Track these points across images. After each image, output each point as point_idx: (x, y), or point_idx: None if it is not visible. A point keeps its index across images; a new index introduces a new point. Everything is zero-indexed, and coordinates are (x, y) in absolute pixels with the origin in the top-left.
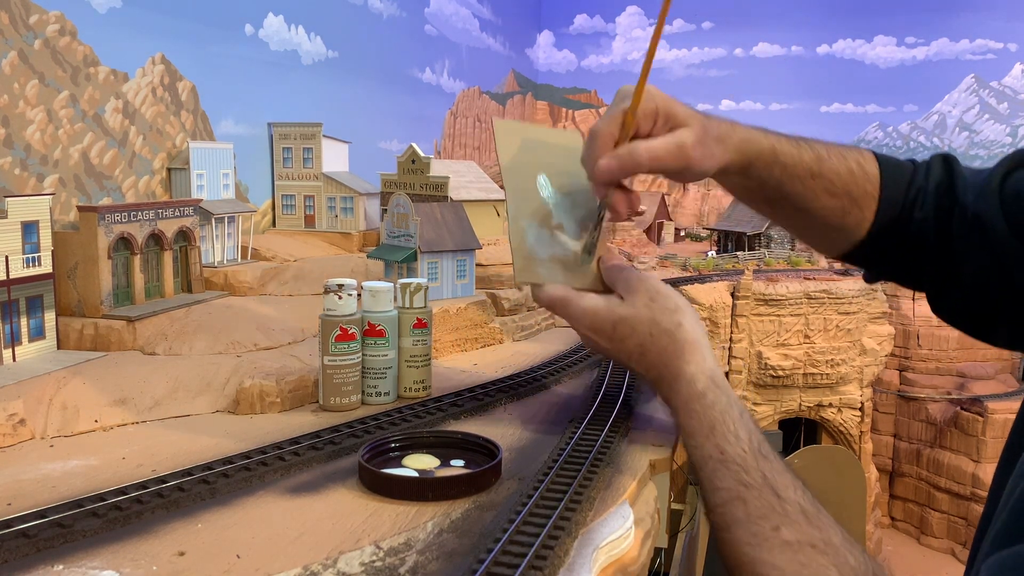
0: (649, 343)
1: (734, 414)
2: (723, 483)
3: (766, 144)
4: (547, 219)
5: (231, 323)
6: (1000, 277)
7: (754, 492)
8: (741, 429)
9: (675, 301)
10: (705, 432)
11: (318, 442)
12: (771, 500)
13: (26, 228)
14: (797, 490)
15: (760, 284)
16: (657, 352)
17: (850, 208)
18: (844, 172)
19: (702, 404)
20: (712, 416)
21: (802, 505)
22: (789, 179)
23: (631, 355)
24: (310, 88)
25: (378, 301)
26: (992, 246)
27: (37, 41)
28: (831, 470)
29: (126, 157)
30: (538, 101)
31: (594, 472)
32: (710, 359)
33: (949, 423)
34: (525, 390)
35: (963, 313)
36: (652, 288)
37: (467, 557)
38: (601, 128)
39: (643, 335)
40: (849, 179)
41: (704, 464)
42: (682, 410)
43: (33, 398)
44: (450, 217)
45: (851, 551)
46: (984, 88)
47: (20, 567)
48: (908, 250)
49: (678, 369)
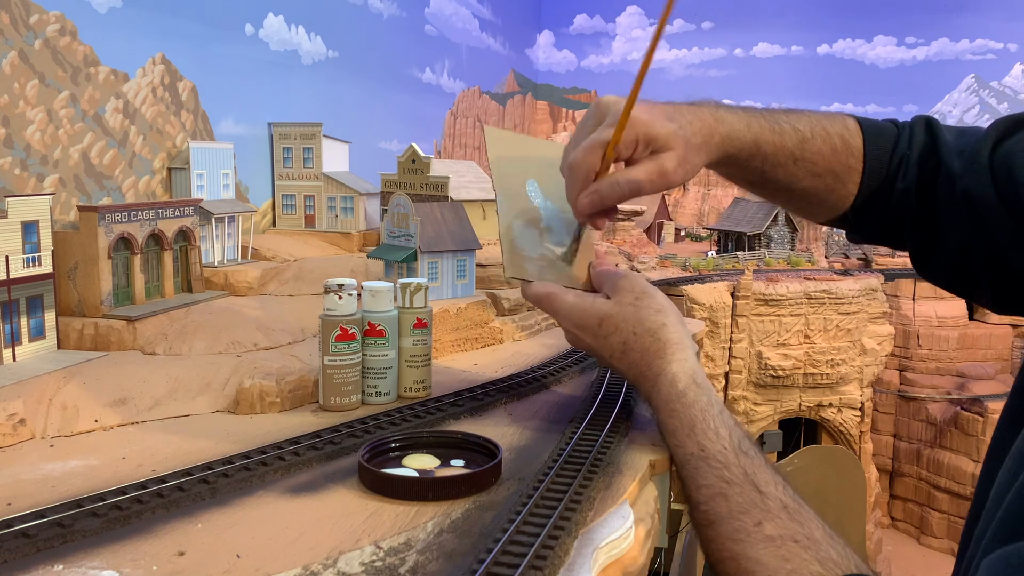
0: (632, 341)
1: (714, 411)
2: (705, 480)
3: (748, 137)
4: (535, 221)
5: (231, 323)
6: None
7: (736, 488)
8: (721, 426)
9: (660, 302)
10: (686, 430)
11: (318, 442)
12: (753, 496)
13: (26, 228)
14: (778, 485)
15: (760, 284)
16: (640, 350)
17: (833, 185)
18: (827, 151)
19: (682, 403)
20: (692, 414)
21: (783, 500)
22: (771, 167)
23: (613, 352)
24: (310, 88)
25: (378, 301)
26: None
27: (37, 41)
28: (831, 470)
29: (126, 157)
30: (538, 101)
31: (594, 472)
32: (692, 359)
33: (949, 423)
34: (525, 390)
35: (947, 275)
36: (638, 288)
37: (467, 557)
38: (580, 161)
39: (627, 333)
40: (832, 157)
41: (686, 462)
42: (663, 409)
43: (33, 398)
44: (450, 217)
45: (833, 545)
46: (984, 88)
47: (20, 567)
48: (891, 217)
49: (659, 368)
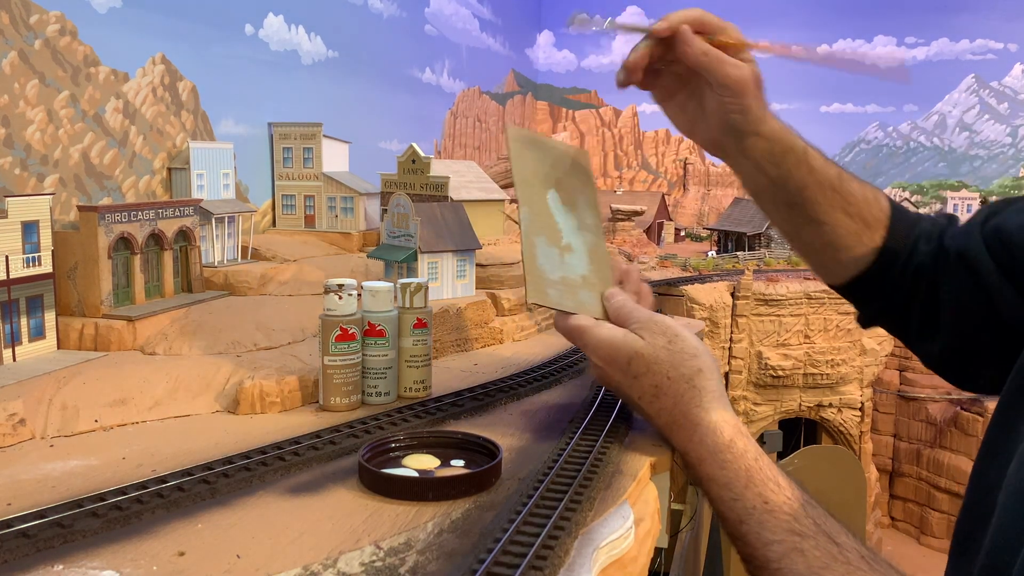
0: (666, 386)
1: (766, 462)
2: (774, 535)
3: (799, 143)
4: (557, 238)
5: (231, 323)
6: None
7: (811, 541)
8: (780, 476)
9: (694, 345)
10: (743, 482)
11: (318, 442)
12: (830, 548)
13: (26, 228)
14: (849, 535)
15: (760, 284)
16: (673, 397)
17: (861, 231)
18: (860, 197)
19: (733, 453)
20: (747, 464)
21: (859, 550)
22: (814, 184)
23: (643, 394)
24: (310, 88)
25: (378, 301)
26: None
27: (37, 41)
28: (831, 470)
29: (126, 157)
30: (538, 101)
31: (594, 472)
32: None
33: (949, 423)
34: (525, 390)
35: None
36: (670, 330)
37: (467, 557)
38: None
39: (659, 376)
40: (864, 204)
41: (747, 516)
42: (709, 460)
43: (33, 398)
44: (450, 217)
45: None
46: (984, 88)
47: (20, 567)
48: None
49: (697, 417)
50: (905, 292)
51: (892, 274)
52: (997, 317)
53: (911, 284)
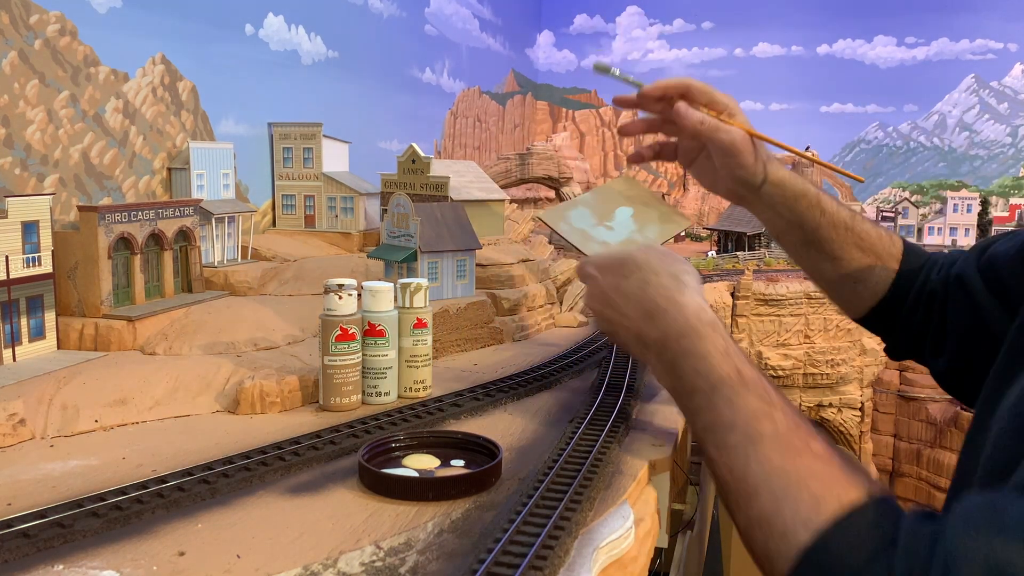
0: (654, 280)
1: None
2: (745, 402)
3: (812, 189)
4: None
5: (231, 323)
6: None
7: (779, 411)
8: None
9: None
10: (720, 354)
11: (318, 442)
12: (796, 419)
13: (26, 228)
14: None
15: (760, 284)
16: (659, 287)
17: (876, 264)
18: (873, 234)
19: (715, 329)
20: (725, 341)
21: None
22: (828, 224)
23: (631, 291)
24: (310, 88)
25: (378, 301)
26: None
27: (37, 41)
28: None
29: (126, 157)
30: (538, 101)
31: (594, 472)
32: None
33: (949, 423)
34: (525, 390)
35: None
36: (665, 248)
37: (467, 557)
38: None
39: (648, 272)
40: (877, 240)
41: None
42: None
43: (33, 398)
44: (450, 217)
45: None
46: (984, 88)
47: (20, 567)
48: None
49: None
50: (920, 317)
51: (907, 301)
52: (988, 330)
53: (924, 309)
